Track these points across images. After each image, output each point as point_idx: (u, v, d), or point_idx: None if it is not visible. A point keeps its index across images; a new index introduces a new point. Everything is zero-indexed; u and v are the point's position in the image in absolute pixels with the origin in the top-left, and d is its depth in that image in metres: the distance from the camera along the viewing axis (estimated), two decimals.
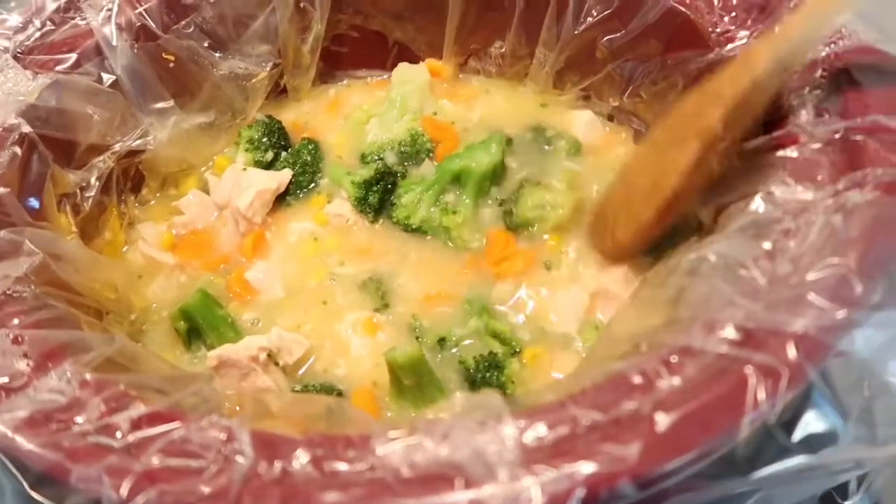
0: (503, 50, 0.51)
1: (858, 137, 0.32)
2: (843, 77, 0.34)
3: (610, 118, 0.49)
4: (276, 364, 0.38)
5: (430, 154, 0.47)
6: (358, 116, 0.51)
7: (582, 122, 0.49)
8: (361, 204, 0.46)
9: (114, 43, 0.44)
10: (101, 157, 0.45)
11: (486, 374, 0.37)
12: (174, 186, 0.49)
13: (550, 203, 0.44)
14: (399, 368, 0.36)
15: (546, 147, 0.48)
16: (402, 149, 0.47)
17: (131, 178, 0.48)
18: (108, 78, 0.44)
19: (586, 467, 0.24)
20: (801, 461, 0.25)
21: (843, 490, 0.35)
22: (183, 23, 0.47)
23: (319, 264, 0.44)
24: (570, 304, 0.41)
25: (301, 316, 0.42)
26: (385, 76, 0.54)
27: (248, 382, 0.38)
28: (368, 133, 0.49)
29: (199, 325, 0.41)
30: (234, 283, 0.44)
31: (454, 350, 0.40)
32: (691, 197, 0.37)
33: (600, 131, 0.49)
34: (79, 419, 0.27)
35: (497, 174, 0.46)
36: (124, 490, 0.24)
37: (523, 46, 0.50)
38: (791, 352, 0.26)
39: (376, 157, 0.48)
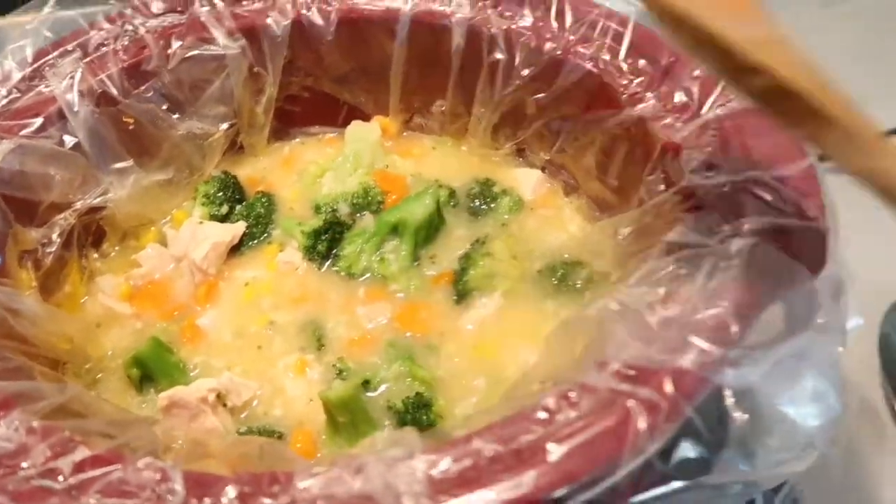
0: (444, 108, 0.55)
1: (742, 190, 0.35)
2: (732, 136, 0.38)
3: (542, 170, 0.53)
4: (224, 406, 0.41)
5: (381, 205, 0.51)
6: (312, 171, 0.54)
7: (528, 180, 0.52)
8: (310, 252, 0.49)
9: (75, 108, 0.47)
10: (63, 215, 0.48)
11: (415, 414, 0.40)
12: (134, 239, 0.52)
13: (499, 274, 0.46)
14: (333, 406, 0.39)
15: (492, 203, 0.51)
16: (355, 200, 0.51)
17: (92, 232, 0.50)
18: (70, 140, 0.47)
19: (486, 495, 0.27)
20: (676, 486, 0.28)
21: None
22: (142, 88, 0.50)
23: (264, 309, 0.47)
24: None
25: (243, 359, 0.45)
26: (336, 133, 0.58)
27: (198, 423, 0.40)
28: (323, 186, 0.53)
29: (151, 371, 0.43)
30: (187, 329, 0.46)
31: (381, 390, 0.42)
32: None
33: (543, 188, 0.52)
34: (24, 464, 0.29)
35: (433, 226, 0.49)
36: None
37: (461, 105, 0.53)
38: (669, 387, 0.29)
39: (330, 209, 0.51)
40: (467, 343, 0.45)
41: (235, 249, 0.51)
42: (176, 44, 0.50)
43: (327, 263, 0.49)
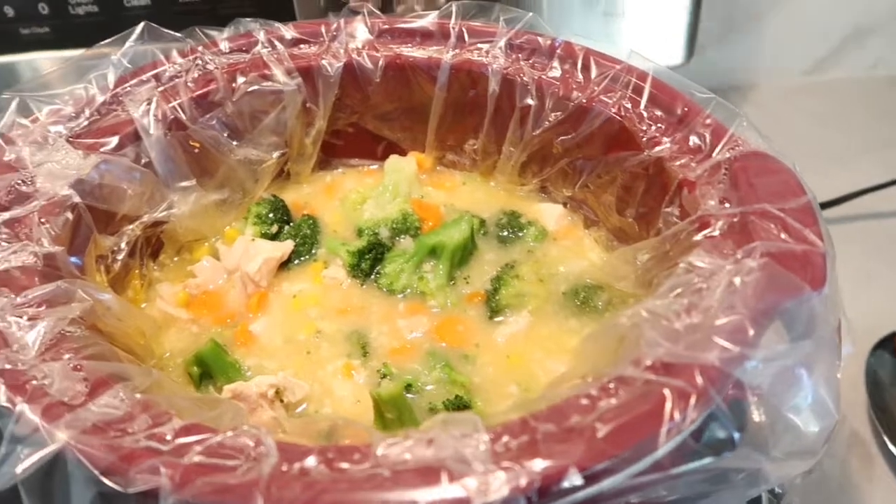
0: (476, 147, 0.60)
1: (751, 220, 0.41)
2: (740, 174, 0.44)
3: (564, 205, 0.58)
4: (281, 401, 0.44)
5: (418, 230, 0.56)
6: (353, 198, 0.59)
7: (551, 214, 0.58)
8: (354, 269, 0.53)
9: (150, 131, 0.52)
10: (132, 226, 0.52)
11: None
12: (188, 252, 0.56)
13: (527, 294, 0.51)
14: (383, 403, 0.43)
15: (519, 233, 0.57)
16: (395, 225, 0.56)
17: (152, 245, 0.55)
18: (143, 159, 0.52)
19: (541, 463, 0.31)
20: (707, 461, 0.32)
21: None
22: (208, 116, 0.55)
23: (311, 318, 0.51)
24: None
25: (293, 363, 0.49)
26: (375, 165, 0.63)
27: (256, 417, 0.44)
28: (365, 212, 0.58)
29: (210, 369, 0.47)
30: (240, 334, 0.50)
31: (423, 393, 0.46)
32: None
33: (565, 221, 0.58)
34: (131, 429, 0.33)
35: (468, 250, 0.54)
36: (176, 478, 0.30)
37: (492, 144, 0.59)
38: (699, 379, 0.34)
39: (372, 232, 0.56)
40: (500, 354, 0.49)
41: (284, 265, 0.55)
42: (240, 79, 0.56)
43: (369, 280, 0.54)
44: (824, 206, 0.82)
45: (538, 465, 0.31)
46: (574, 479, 0.30)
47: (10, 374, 0.34)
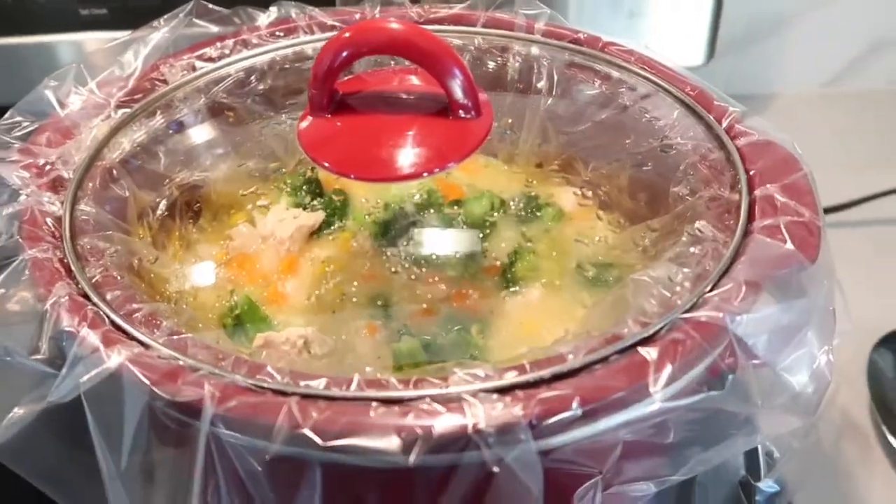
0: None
1: (753, 196, 0.44)
2: (745, 154, 0.47)
3: (580, 188, 0.62)
4: (308, 352, 0.48)
5: (441, 206, 0.59)
6: None
7: (567, 196, 0.61)
8: (380, 239, 0.57)
9: (187, 100, 0.56)
10: (168, 186, 0.56)
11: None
12: (226, 217, 0.60)
13: (542, 268, 0.54)
14: (402, 356, 0.46)
15: (537, 213, 0.60)
16: (420, 200, 0.59)
17: (192, 208, 0.59)
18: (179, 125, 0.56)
19: (545, 393, 0.34)
20: (698, 397, 0.35)
21: (756, 474, 0.44)
22: (245, 88, 0.60)
23: (338, 282, 0.55)
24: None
25: (319, 320, 0.52)
26: None
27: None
28: (391, 188, 0.61)
29: (242, 321, 0.51)
30: (272, 294, 0.54)
31: (441, 351, 0.49)
32: None
33: (581, 203, 0.61)
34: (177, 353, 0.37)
35: (487, 224, 0.58)
36: (217, 392, 0.34)
37: (513, 133, 0.63)
38: (693, 332, 0.36)
39: (398, 206, 0.59)
40: (513, 320, 0.52)
41: (314, 234, 0.59)
42: (278, 58, 0.60)
43: (394, 250, 0.57)
44: (838, 209, 0.84)
45: (541, 394, 0.34)
46: (575, 410, 0.33)
47: (73, 303, 0.38)
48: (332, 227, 0.59)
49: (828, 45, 1.06)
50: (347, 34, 0.44)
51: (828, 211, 0.78)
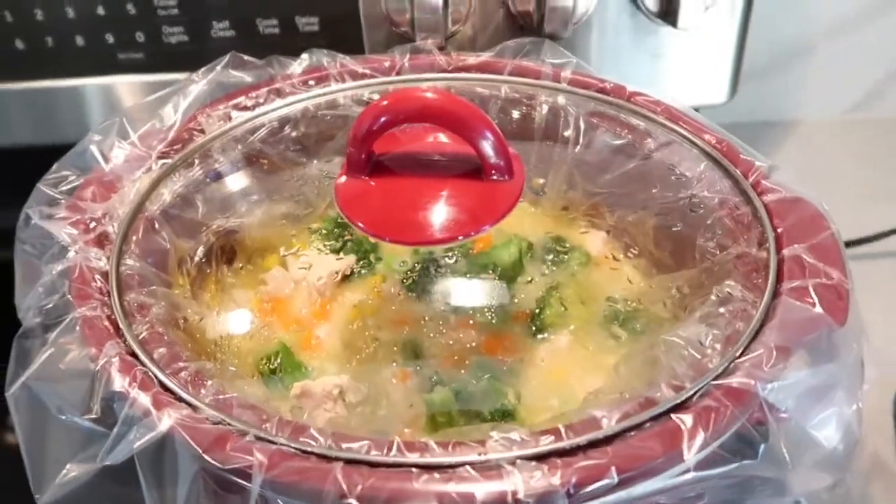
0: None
1: (781, 255, 0.45)
2: (771, 210, 0.48)
3: (607, 232, 0.63)
4: (343, 400, 0.49)
5: (469, 251, 0.60)
6: None
7: (594, 241, 0.62)
8: (410, 285, 0.58)
9: (223, 149, 0.58)
10: (205, 233, 0.58)
11: (500, 421, 0.48)
12: (260, 260, 0.62)
13: (570, 315, 0.55)
14: (435, 407, 0.47)
15: (564, 257, 0.61)
16: (448, 246, 0.60)
17: (226, 252, 0.60)
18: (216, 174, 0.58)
19: (581, 462, 0.35)
20: (732, 466, 0.36)
21: None
22: (279, 136, 0.61)
23: (369, 327, 0.56)
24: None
25: (352, 367, 0.53)
26: None
27: (318, 414, 0.49)
28: None
29: (278, 369, 0.52)
30: (305, 339, 0.55)
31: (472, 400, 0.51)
32: None
33: (607, 248, 0.62)
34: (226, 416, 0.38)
35: (515, 271, 0.59)
36: (265, 459, 0.35)
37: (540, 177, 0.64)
38: (725, 399, 0.37)
39: (427, 251, 0.60)
40: (542, 369, 0.53)
41: (345, 278, 0.60)
42: (311, 106, 0.62)
43: (424, 295, 0.58)
44: (860, 242, 0.84)
45: (578, 462, 0.35)
46: (611, 478, 0.34)
47: (123, 363, 0.40)
48: (363, 272, 0.61)
49: (849, 72, 1.06)
50: (385, 102, 0.45)
51: (850, 244, 0.78)
